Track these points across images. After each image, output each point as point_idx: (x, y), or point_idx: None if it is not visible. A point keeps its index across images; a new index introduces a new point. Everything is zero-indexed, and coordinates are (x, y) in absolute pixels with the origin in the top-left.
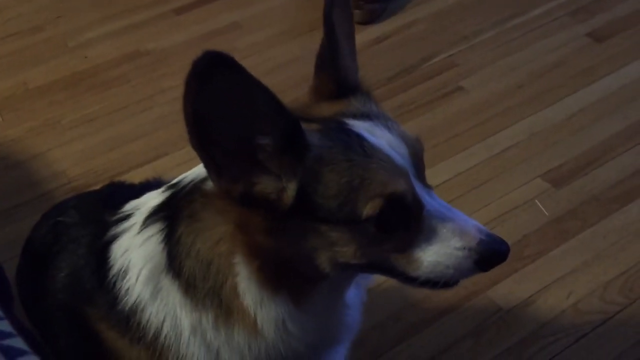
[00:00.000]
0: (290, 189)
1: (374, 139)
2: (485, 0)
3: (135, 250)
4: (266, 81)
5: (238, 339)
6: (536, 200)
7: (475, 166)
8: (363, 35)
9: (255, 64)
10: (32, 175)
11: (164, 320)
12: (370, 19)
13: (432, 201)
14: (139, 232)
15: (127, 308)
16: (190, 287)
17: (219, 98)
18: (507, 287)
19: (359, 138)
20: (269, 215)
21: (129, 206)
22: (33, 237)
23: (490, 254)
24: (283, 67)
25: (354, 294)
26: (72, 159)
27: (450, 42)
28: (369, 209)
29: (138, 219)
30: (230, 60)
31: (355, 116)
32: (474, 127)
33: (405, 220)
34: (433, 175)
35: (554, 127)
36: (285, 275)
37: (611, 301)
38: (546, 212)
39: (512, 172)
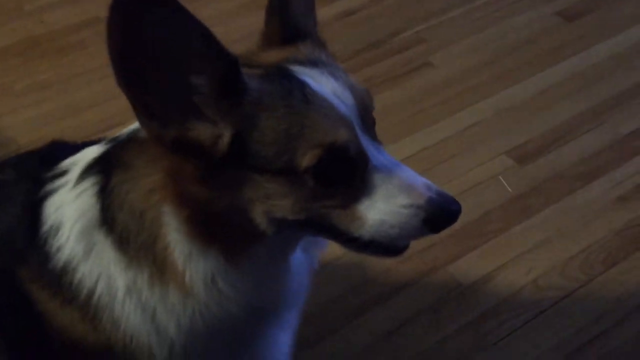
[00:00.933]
0: (226, 136)
1: (317, 86)
2: None
3: (68, 206)
4: (233, 50)
5: (172, 299)
6: (500, 177)
7: (441, 142)
8: (331, 8)
9: (221, 33)
10: None
11: (97, 280)
12: None
13: (379, 156)
14: (73, 187)
15: (58, 267)
16: (124, 243)
17: (148, 31)
18: (467, 263)
19: (302, 84)
20: (203, 163)
21: (67, 162)
22: None
23: (439, 213)
24: (250, 37)
25: (301, 260)
26: (24, 126)
27: (419, 18)
28: (307, 159)
29: (74, 174)
30: None
31: (301, 63)
32: (441, 103)
33: (348, 174)
34: (398, 149)
35: (520, 104)
36: (218, 229)
37: (571, 278)
38: (509, 189)
39: (477, 148)
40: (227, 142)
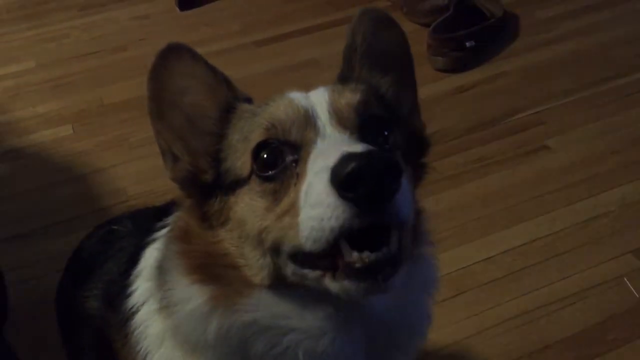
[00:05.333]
0: (211, 155)
1: (293, 93)
2: (582, 59)
3: (155, 253)
4: None
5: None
6: (625, 279)
7: (558, 232)
8: (445, 83)
9: None
10: (92, 189)
11: (145, 327)
12: (454, 67)
13: (332, 143)
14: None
15: (127, 309)
16: (161, 288)
17: (176, 78)
18: None
19: (281, 96)
20: (201, 199)
21: (174, 215)
22: (82, 246)
23: (340, 164)
24: None
25: None
26: (135, 177)
27: (539, 98)
28: (253, 140)
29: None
30: (186, 49)
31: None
32: (559, 190)
33: (288, 160)
34: (507, 237)
35: None
36: (213, 270)
37: None
38: (637, 294)
39: (600, 244)
40: (211, 161)
